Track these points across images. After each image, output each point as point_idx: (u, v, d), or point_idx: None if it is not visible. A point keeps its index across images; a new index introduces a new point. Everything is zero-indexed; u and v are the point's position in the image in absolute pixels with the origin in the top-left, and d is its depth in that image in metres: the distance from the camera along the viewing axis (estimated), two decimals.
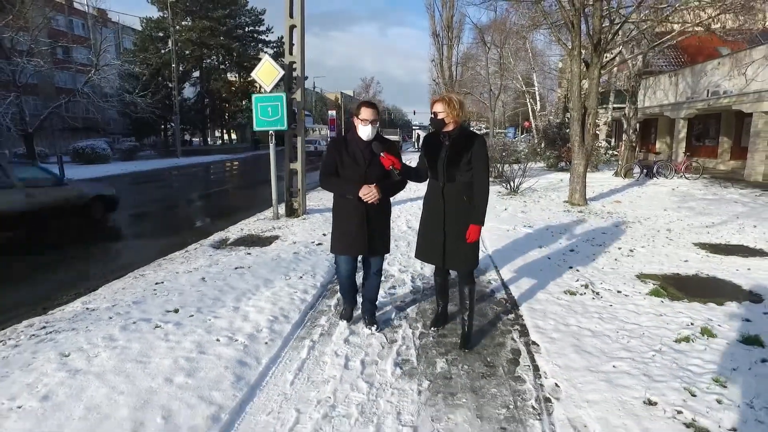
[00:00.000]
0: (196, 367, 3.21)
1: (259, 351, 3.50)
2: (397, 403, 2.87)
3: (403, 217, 9.02)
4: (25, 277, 6.18)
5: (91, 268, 6.58)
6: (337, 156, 3.49)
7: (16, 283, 5.91)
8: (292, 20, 8.27)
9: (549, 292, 4.68)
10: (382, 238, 3.63)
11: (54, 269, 6.51)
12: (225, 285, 4.98)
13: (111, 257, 7.26)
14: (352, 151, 3.47)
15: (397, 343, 3.68)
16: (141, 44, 40.13)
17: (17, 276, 6.23)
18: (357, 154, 3.46)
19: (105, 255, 7.37)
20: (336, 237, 3.64)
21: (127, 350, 3.46)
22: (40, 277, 6.17)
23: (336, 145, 3.56)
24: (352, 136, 3.52)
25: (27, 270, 6.47)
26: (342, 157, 3.48)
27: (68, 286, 5.57)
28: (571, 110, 9.59)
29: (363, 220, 3.47)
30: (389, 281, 5.19)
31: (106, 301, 4.66)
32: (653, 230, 7.66)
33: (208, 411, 2.74)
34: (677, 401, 2.73)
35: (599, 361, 3.25)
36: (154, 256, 6.65)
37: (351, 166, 3.46)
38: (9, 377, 3.08)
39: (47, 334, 3.82)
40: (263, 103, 7.96)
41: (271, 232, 7.69)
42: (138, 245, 7.97)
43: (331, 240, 3.69)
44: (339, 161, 3.49)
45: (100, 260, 7.01)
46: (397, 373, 3.23)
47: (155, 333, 3.76)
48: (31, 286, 5.77)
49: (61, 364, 3.25)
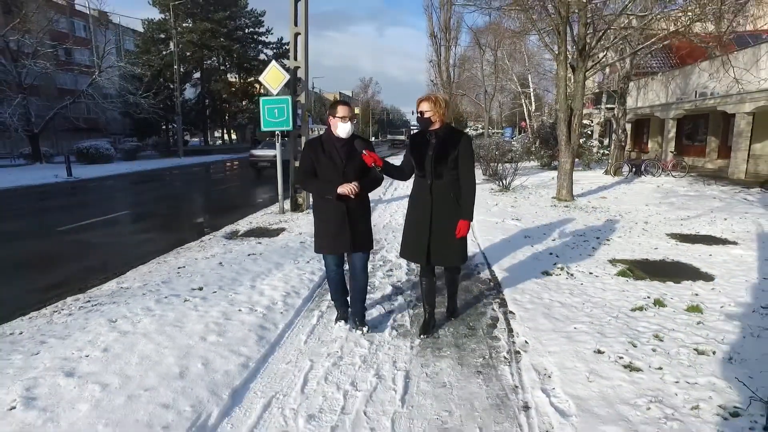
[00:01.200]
0: (225, 330, 3.82)
1: (275, 318, 4.12)
2: (393, 355, 3.48)
3: (400, 212, 9.63)
4: (56, 262, 6.79)
5: (113, 257, 7.17)
6: (312, 156, 3.52)
7: (49, 268, 6.52)
8: (297, 28, 8.89)
9: (528, 273, 5.30)
10: (364, 235, 3.67)
11: (82, 257, 7.12)
12: (241, 268, 5.60)
13: (130, 248, 7.86)
14: (328, 151, 3.50)
15: (394, 313, 4.29)
16: (143, 46, 40.71)
17: (48, 262, 6.83)
18: (333, 153, 3.49)
19: (124, 246, 7.96)
20: (319, 237, 3.66)
21: (164, 317, 4.07)
22: (71, 263, 6.78)
23: (311, 146, 3.57)
24: (327, 136, 3.55)
25: (56, 257, 7.08)
26: (318, 157, 3.50)
27: (97, 272, 6.18)
28: (558, 111, 10.22)
29: (344, 219, 3.51)
30: (387, 265, 5.81)
31: (137, 282, 5.28)
32: (632, 222, 8.29)
33: (238, 360, 3.35)
34: (621, 350, 3.35)
35: (563, 325, 3.87)
36: (171, 246, 7.25)
37: (328, 166, 3.48)
38: (72, 336, 3.70)
39: (93, 306, 4.44)
40: (270, 105, 8.58)
41: (278, 225, 8.31)
42: (154, 237, 8.56)
43: (315, 240, 3.71)
44: (316, 162, 3.51)
45: (120, 251, 7.60)
46: (393, 334, 3.85)
47: (185, 305, 4.38)
48: (63, 270, 6.37)
49: (111, 327, 3.87)
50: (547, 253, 6.21)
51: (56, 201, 13.95)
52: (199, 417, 2.67)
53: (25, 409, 2.70)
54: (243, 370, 3.23)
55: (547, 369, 3.19)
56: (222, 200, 14.21)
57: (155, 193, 15.96)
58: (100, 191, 16.37)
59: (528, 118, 28.85)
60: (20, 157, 29.94)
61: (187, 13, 43.58)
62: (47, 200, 14.12)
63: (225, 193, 16.42)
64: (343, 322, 3.94)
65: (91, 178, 20.58)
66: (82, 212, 11.32)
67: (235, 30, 47.88)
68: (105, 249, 7.67)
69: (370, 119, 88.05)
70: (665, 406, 2.67)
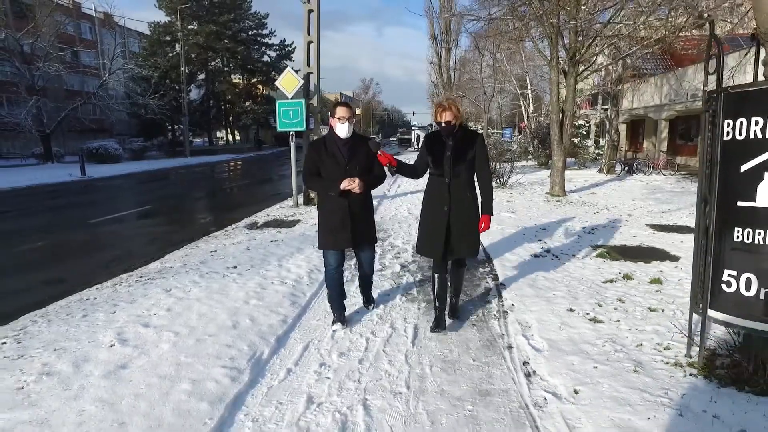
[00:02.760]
0: (263, 296, 4.60)
1: (304, 289, 4.89)
2: (404, 314, 4.25)
3: (404, 206, 10.41)
4: (97, 248, 7.58)
5: (146, 245, 7.94)
6: (316, 156, 3.66)
7: (93, 253, 7.30)
8: (309, 37, 9.68)
9: (519, 255, 6.07)
10: (366, 231, 3.81)
11: (118, 245, 7.90)
12: (266, 252, 6.38)
13: (160, 236, 8.62)
14: (331, 151, 3.63)
15: (403, 285, 5.07)
16: (149, 48, 41.55)
17: (91, 248, 7.62)
18: (336, 152, 3.63)
19: (154, 235, 8.74)
20: (322, 233, 3.79)
21: (209, 287, 4.85)
22: (110, 249, 7.56)
23: (315, 146, 3.74)
24: (330, 136, 3.70)
25: (96, 244, 7.87)
26: (321, 158, 3.64)
27: (136, 256, 6.96)
28: (551, 113, 10.99)
29: (346, 215, 3.64)
30: (395, 250, 6.59)
31: (178, 262, 6.06)
32: (617, 215, 9.06)
33: (278, 317, 4.12)
34: (588, 309, 4.13)
35: (544, 292, 4.65)
36: (198, 235, 8.04)
37: (331, 165, 3.61)
38: (137, 301, 4.49)
39: (146, 280, 5.23)
40: (286, 107, 9.37)
41: (293, 217, 9.10)
42: (180, 228, 9.34)
43: (318, 236, 3.85)
44: (319, 161, 3.65)
45: (152, 239, 8.36)
46: (402, 299, 4.62)
47: (225, 279, 5.16)
48: (105, 254, 7.14)
49: (167, 294, 4.65)
50: (537, 239, 6.98)
51: (77, 197, 14.75)
52: (254, 353, 3.45)
53: (122, 346, 3.49)
54: (283, 324, 4.01)
55: (528, 322, 3.96)
56: (236, 196, 15.01)
57: (171, 190, 16.76)
58: (117, 188, 17.16)
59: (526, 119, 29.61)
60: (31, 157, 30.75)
61: (193, 16, 44.42)
62: (68, 197, 14.91)
63: (237, 189, 17.21)
64: (340, 325, 3.93)
65: (104, 177, 21.39)
66: (106, 207, 12.11)
67: (239, 32, 48.74)
68: (137, 238, 8.46)
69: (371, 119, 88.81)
70: (616, 344, 3.45)
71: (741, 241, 2.75)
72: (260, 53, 51.76)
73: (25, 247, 7.73)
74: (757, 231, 2.67)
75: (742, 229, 2.74)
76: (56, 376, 3.09)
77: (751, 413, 2.54)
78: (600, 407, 2.68)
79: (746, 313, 2.76)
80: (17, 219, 10.83)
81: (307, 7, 9.49)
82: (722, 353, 3.11)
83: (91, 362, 3.27)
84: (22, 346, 3.57)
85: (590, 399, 2.77)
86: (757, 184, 2.65)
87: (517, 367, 3.25)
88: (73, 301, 4.70)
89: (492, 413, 2.72)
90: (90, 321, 4.04)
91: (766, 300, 2.67)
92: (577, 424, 2.57)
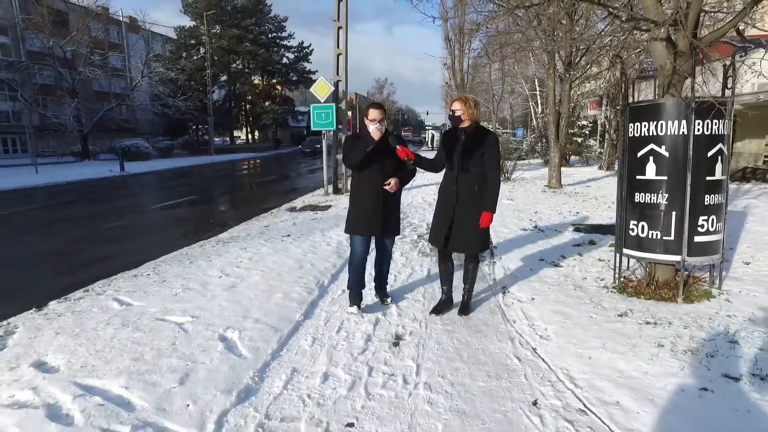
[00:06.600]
0: (316, 251, 6.22)
1: (346, 248, 6.49)
2: (420, 261, 5.83)
3: (420, 196, 11.99)
4: (167, 227, 9.28)
5: (205, 223, 9.60)
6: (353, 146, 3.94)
7: (166, 229, 8.99)
8: (338, 50, 11.30)
9: (510, 229, 7.61)
10: (393, 221, 4.06)
11: (182, 224, 9.60)
12: (310, 226, 8.01)
13: (216, 217, 10.28)
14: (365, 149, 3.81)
15: (419, 246, 6.64)
16: (176, 52, 43.69)
17: (162, 226, 9.32)
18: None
19: (209, 216, 10.42)
20: (352, 218, 4.01)
21: (274, 247, 6.48)
22: (178, 227, 9.25)
23: (353, 140, 4.07)
24: (364, 133, 3.92)
25: (164, 224, 9.58)
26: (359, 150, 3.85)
27: (202, 230, 8.62)
28: (548, 115, 12.47)
29: (379, 202, 3.85)
30: (412, 225, 8.17)
31: (241, 234, 7.73)
32: (602, 203, 10.52)
33: (329, 264, 5.73)
34: (554, 259, 5.67)
35: (525, 251, 6.19)
36: (247, 217, 9.69)
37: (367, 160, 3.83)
38: (223, 255, 6.14)
39: (224, 244, 6.89)
40: (318, 110, 11.02)
41: (326, 203, 10.75)
42: (229, 212, 11.01)
43: (347, 221, 4.06)
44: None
45: (208, 219, 10.04)
46: (419, 255, 6.20)
47: (284, 242, 6.79)
48: (176, 230, 8.82)
49: (244, 251, 6.30)
50: (528, 219, 8.51)
51: (125, 190, 16.60)
52: (319, 281, 5.06)
53: (227, 277, 5.13)
54: (333, 269, 5.62)
55: (508, 267, 5.52)
56: (268, 187, 16.74)
57: (206, 184, 18.55)
58: (156, 182, 19.01)
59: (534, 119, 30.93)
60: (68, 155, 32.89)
61: (216, 21, 46.48)
62: (117, 189, 16.77)
63: (267, 183, 18.95)
64: (356, 308, 4.18)
65: (141, 173, 23.35)
66: (156, 197, 13.91)
67: (260, 35, 50.72)
68: (196, 219, 10.17)
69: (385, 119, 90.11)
70: (568, 278, 4.99)
71: (638, 201, 4.29)
72: (279, 55, 53.77)
73: (109, 225, 9.48)
74: (646, 194, 4.21)
75: (638, 194, 4.28)
76: (194, 291, 4.72)
77: (635, 304, 4.09)
78: (546, 305, 4.24)
79: (643, 248, 4.30)
80: (88, 206, 12.64)
81: (337, 25, 11.12)
82: (633, 280, 4.65)
83: (211, 284, 4.91)
84: (160, 278, 5.23)
85: (541, 302, 4.33)
86: (646, 164, 4.18)
87: (498, 288, 4.82)
88: (175, 256, 6.37)
89: (480, 312, 4.29)
90: (197, 265, 5.69)
91: (652, 239, 4.20)
92: (529, 313, 4.13)
